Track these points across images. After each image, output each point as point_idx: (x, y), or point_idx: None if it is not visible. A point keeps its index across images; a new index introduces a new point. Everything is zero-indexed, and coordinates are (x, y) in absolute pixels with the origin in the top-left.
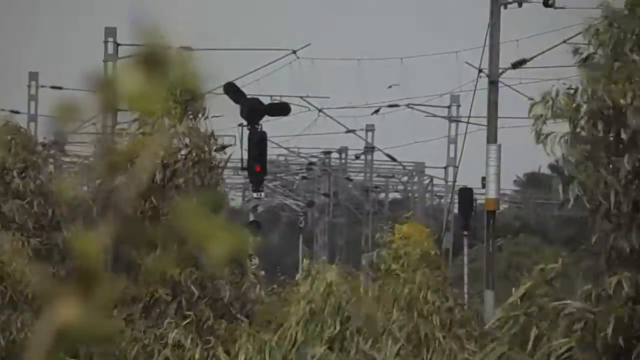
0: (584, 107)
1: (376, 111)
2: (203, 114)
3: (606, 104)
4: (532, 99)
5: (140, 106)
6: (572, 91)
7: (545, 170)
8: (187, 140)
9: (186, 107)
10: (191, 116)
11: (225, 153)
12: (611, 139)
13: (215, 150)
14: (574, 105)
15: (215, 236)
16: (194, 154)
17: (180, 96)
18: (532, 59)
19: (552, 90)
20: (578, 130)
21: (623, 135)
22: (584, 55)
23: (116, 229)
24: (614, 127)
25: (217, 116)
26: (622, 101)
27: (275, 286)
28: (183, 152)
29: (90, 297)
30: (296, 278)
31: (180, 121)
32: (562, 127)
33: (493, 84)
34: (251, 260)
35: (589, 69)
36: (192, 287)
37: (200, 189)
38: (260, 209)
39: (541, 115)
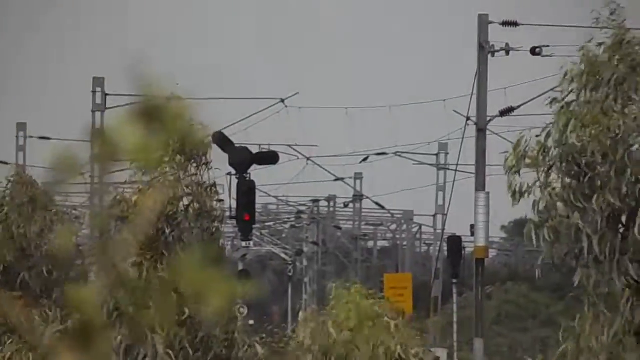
0: (555, 152)
1: (365, 159)
2: (206, 165)
3: (576, 148)
4: (506, 152)
5: (139, 157)
6: (541, 138)
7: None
8: (189, 191)
9: (190, 157)
10: (194, 165)
11: (224, 204)
12: (583, 183)
13: (216, 201)
14: (543, 151)
15: (213, 290)
16: (196, 205)
17: (184, 146)
18: (519, 107)
19: (522, 141)
20: (549, 176)
21: (594, 179)
22: (560, 103)
23: (113, 281)
24: (584, 172)
25: (217, 169)
26: (591, 145)
27: (264, 335)
28: (185, 202)
29: (90, 349)
30: (289, 330)
31: (184, 171)
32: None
33: (481, 131)
34: (240, 311)
35: (563, 114)
36: (188, 346)
37: (201, 241)
38: (249, 257)
39: (513, 167)
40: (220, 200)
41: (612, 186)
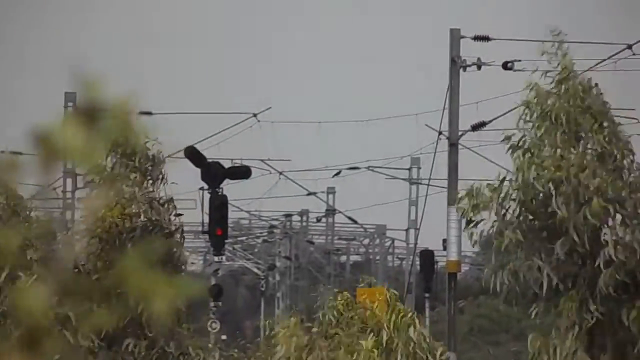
0: (513, 194)
1: (337, 173)
2: (162, 180)
3: (535, 191)
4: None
5: (81, 158)
6: (494, 185)
7: None
8: (144, 207)
9: (145, 173)
10: (150, 181)
11: (179, 219)
12: (542, 224)
13: (174, 216)
14: (501, 195)
15: (157, 290)
16: (144, 219)
17: (139, 162)
18: (491, 121)
19: (475, 186)
20: (507, 218)
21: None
22: (514, 141)
23: (59, 284)
24: (543, 214)
25: (174, 183)
26: (551, 188)
27: (236, 350)
28: (142, 218)
29: (37, 352)
30: (261, 340)
31: (140, 187)
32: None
33: (453, 146)
34: (212, 326)
35: (520, 153)
36: None
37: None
38: (221, 272)
39: (465, 210)
40: (179, 215)
41: (576, 227)
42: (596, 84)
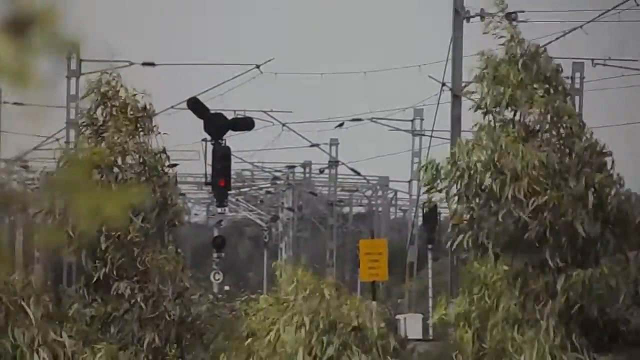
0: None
1: (340, 125)
2: (154, 131)
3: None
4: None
5: (11, 74)
6: (451, 160)
7: None
8: (137, 157)
9: (137, 124)
10: (142, 133)
11: (174, 169)
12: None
13: (167, 167)
14: (456, 171)
15: (105, 202)
16: (145, 171)
17: (131, 113)
18: None
19: (435, 160)
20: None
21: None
22: (474, 106)
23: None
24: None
25: (165, 134)
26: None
27: (238, 301)
28: (136, 169)
29: None
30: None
31: (132, 137)
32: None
33: (456, 97)
34: (215, 277)
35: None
36: (142, 304)
37: (157, 209)
38: (224, 223)
39: (428, 183)
40: (173, 165)
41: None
42: (545, 49)
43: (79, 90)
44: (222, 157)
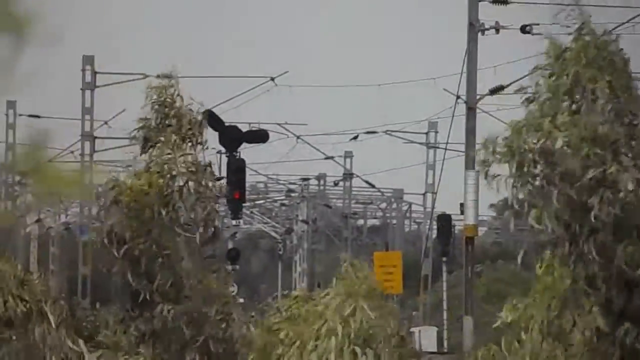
0: (528, 147)
1: (354, 137)
2: (201, 144)
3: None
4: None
5: None
6: (508, 138)
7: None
8: (183, 170)
9: (184, 137)
10: (190, 145)
11: (221, 184)
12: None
13: (212, 181)
14: (513, 148)
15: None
16: (191, 184)
17: (188, 127)
18: (509, 85)
19: (492, 137)
20: (525, 170)
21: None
22: (528, 96)
23: None
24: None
25: (213, 148)
26: (550, 145)
27: (253, 314)
28: (180, 182)
29: None
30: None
31: (179, 151)
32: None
33: (471, 110)
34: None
35: (531, 111)
36: (183, 325)
37: (198, 221)
38: (238, 236)
39: (485, 161)
40: (220, 178)
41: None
42: (617, 37)
43: (94, 103)
44: (236, 170)
